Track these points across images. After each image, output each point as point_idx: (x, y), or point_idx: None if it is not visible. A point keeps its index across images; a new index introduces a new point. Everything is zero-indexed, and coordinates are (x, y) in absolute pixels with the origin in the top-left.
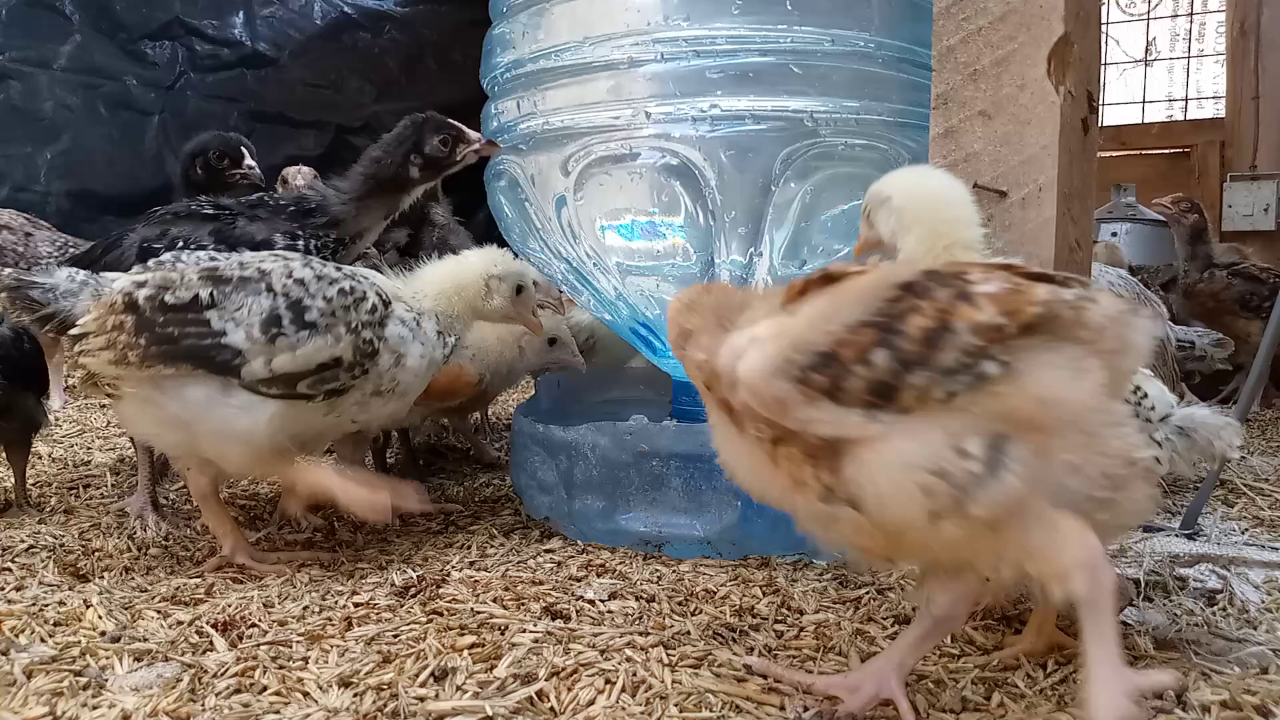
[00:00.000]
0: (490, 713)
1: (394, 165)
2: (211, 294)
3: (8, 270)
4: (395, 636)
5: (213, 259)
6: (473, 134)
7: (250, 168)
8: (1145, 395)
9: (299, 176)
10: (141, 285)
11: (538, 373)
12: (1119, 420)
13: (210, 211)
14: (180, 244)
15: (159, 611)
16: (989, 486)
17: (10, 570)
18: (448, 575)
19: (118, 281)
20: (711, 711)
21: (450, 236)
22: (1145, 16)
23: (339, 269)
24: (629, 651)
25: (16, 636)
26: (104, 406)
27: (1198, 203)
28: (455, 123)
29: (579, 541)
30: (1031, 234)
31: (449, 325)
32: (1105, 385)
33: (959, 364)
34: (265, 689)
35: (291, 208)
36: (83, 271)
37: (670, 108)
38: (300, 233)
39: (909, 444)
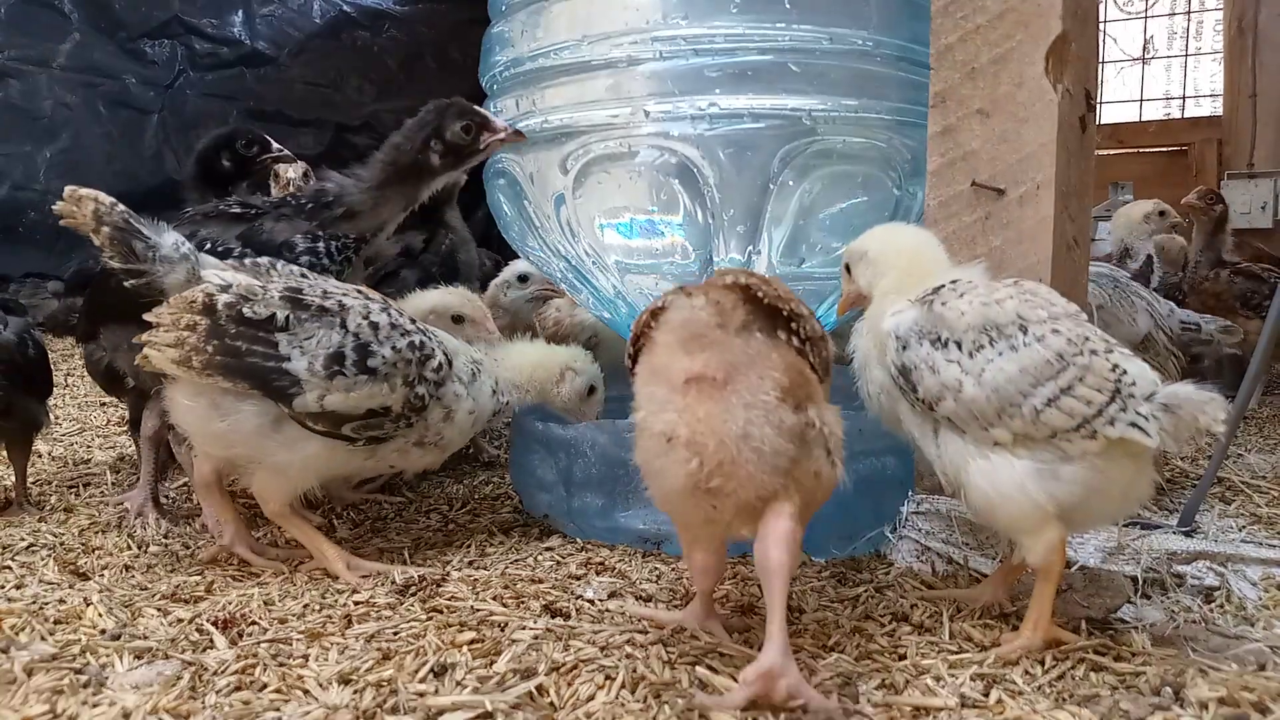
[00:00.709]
0: (490, 708)
1: (414, 151)
2: (288, 317)
3: (123, 207)
4: (395, 634)
5: (302, 275)
6: (498, 122)
7: (279, 149)
8: (1125, 373)
9: (290, 170)
10: (226, 289)
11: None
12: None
13: (238, 211)
14: (207, 246)
15: (159, 609)
16: None
17: (10, 568)
18: (448, 573)
19: (207, 273)
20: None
21: (460, 249)
22: (1143, 14)
23: (414, 322)
24: (629, 648)
25: (17, 634)
26: (104, 405)
27: (1219, 193)
28: (480, 110)
29: (578, 539)
30: (1029, 232)
31: (509, 389)
32: None
33: None
34: (265, 686)
35: (310, 204)
36: (189, 244)
37: (669, 106)
38: (319, 233)
39: None
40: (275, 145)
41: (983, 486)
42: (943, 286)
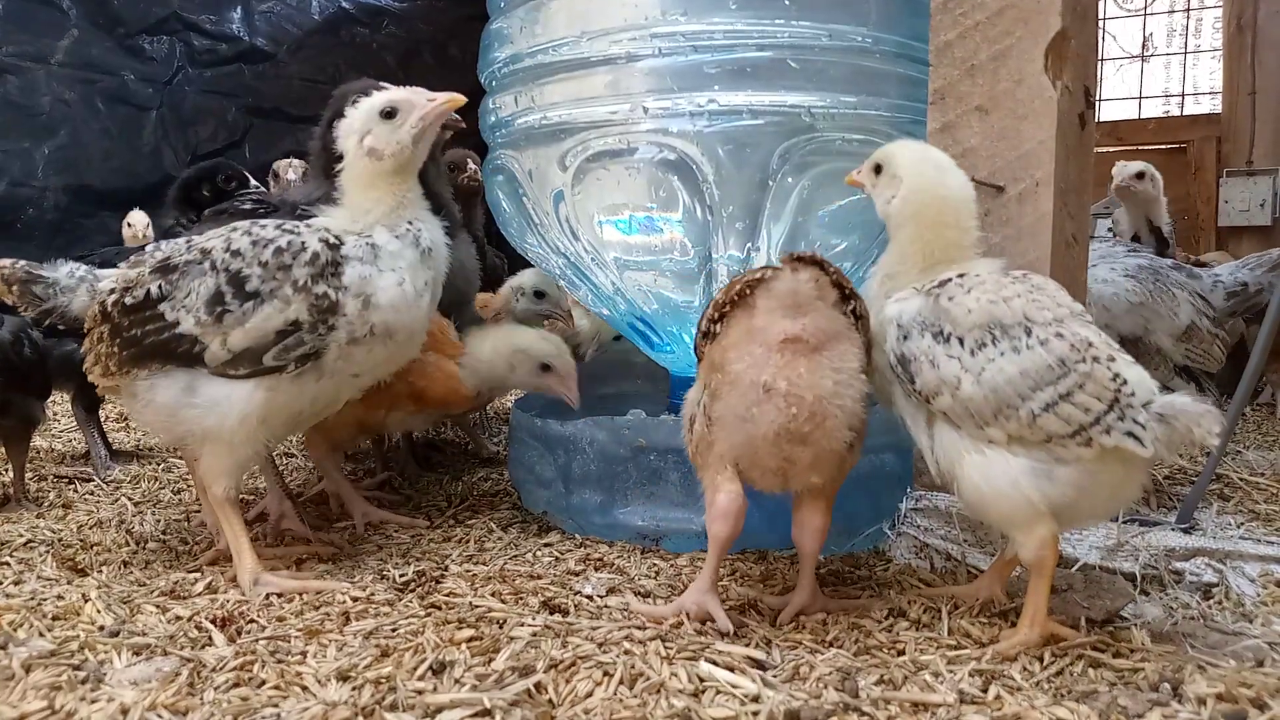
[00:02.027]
0: (488, 705)
1: (321, 141)
2: (160, 286)
3: (21, 262)
4: (393, 631)
5: (186, 243)
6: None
7: (256, 186)
8: (1125, 382)
9: (290, 170)
10: (111, 290)
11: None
12: None
13: (249, 207)
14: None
15: (158, 606)
16: None
17: (9, 564)
18: (446, 569)
19: (102, 283)
20: (709, 703)
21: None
22: (1142, 12)
23: (279, 226)
24: (627, 645)
25: (15, 631)
26: (102, 402)
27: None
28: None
29: (577, 536)
30: (1028, 229)
31: (398, 224)
32: None
33: None
34: (264, 683)
35: (281, 206)
36: (83, 267)
37: (668, 102)
38: None
39: None
40: (253, 183)
41: (976, 481)
42: (950, 280)
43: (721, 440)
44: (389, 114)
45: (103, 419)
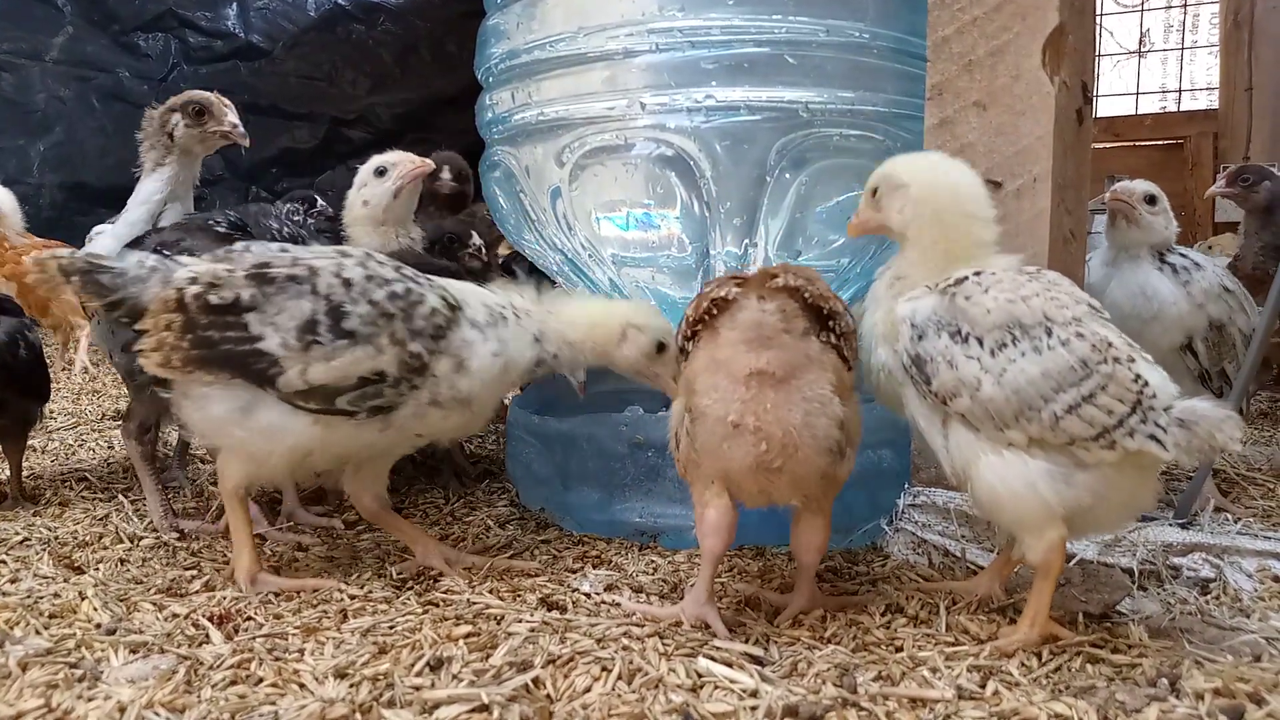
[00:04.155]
0: (486, 700)
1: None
2: (253, 295)
3: (80, 252)
4: (391, 628)
5: (282, 249)
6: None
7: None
8: (1147, 384)
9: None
10: (194, 280)
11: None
12: None
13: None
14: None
15: (154, 604)
16: None
17: (5, 563)
18: None
19: (179, 272)
20: (707, 698)
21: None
22: (1139, 8)
23: (399, 269)
24: (625, 640)
25: (11, 629)
26: (98, 395)
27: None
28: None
29: (575, 532)
30: (1026, 225)
31: (558, 342)
32: None
33: None
34: (261, 681)
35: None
36: (153, 257)
37: (665, 98)
38: None
39: None
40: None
41: (991, 482)
42: (966, 278)
43: (704, 463)
44: (661, 348)
45: (99, 417)
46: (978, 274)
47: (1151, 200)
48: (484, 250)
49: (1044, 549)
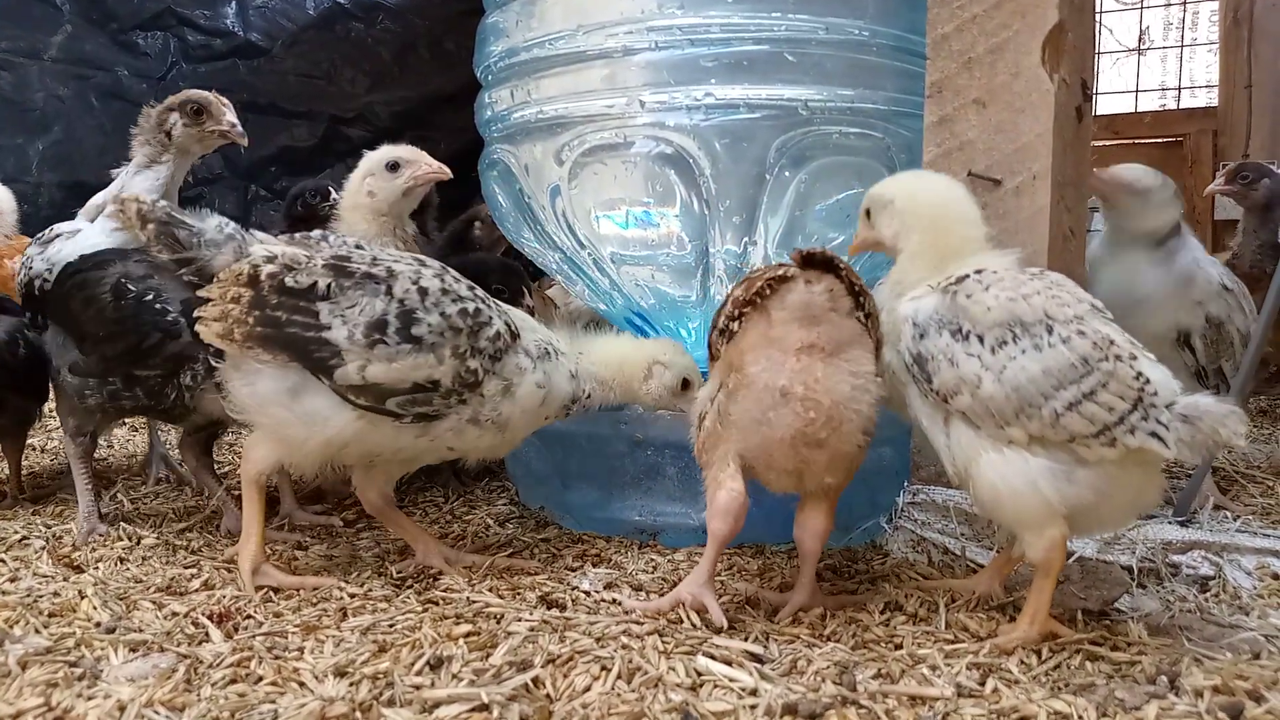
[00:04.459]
0: (486, 700)
1: None
2: (330, 285)
3: (163, 202)
4: (391, 626)
5: (357, 245)
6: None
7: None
8: (1148, 381)
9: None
10: (271, 260)
11: None
12: None
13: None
14: None
15: (154, 602)
16: None
17: (4, 561)
18: None
19: (256, 247)
20: (707, 697)
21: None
22: (1138, 5)
23: (473, 289)
24: (624, 639)
25: (11, 628)
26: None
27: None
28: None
29: (574, 531)
30: (1025, 222)
31: (590, 381)
32: None
33: None
34: (261, 679)
35: None
36: (233, 224)
37: (664, 96)
38: None
39: None
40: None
41: (992, 480)
42: (967, 276)
43: (736, 440)
44: (685, 385)
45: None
46: (979, 272)
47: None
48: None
49: (1044, 547)
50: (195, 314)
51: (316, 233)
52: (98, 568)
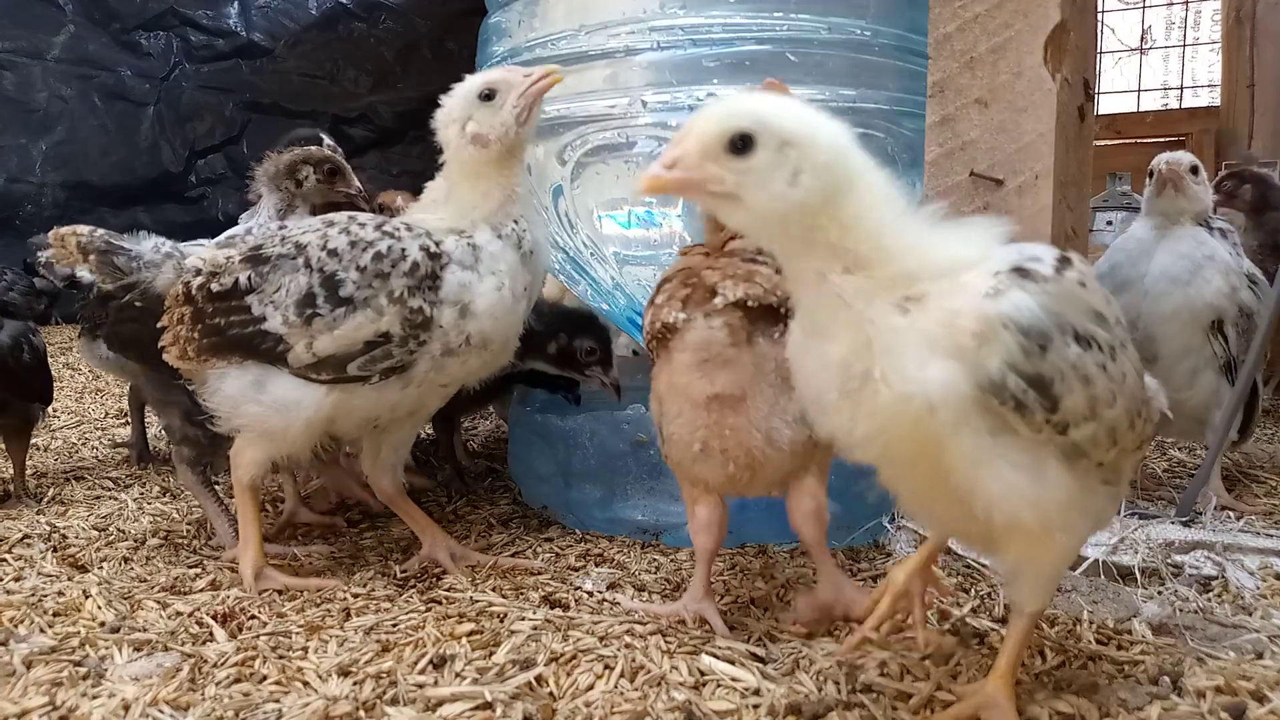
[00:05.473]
0: (489, 698)
1: None
2: (250, 278)
3: (100, 231)
4: (394, 626)
5: (280, 228)
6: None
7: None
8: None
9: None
10: (199, 271)
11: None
12: None
13: None
14: None
15: (158, 602)
16: None
17: (8, 561)
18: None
19: (189, 262)
20: (709, 696)
21: None
22: (1141, 5)
23: (379, 227)
24: (628, 638)
25: (16, 627)
26: (100, 394)
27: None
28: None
29: (577, 530)
30: (1028, 221)
31: (504, 222)
32: None
33: None
34: (265, 678)
35: None
36: (169, 243)
37: (667, 96)
38: None
39: None
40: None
41: (1078, 525)
42: (1020, 265)
43: (683, 473)
44: (488, 96)
45: (101, 415)
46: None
47: (1195, 170)
48: None
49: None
50: (160, 344)
51: (241, 228)
52: (102, 567)
